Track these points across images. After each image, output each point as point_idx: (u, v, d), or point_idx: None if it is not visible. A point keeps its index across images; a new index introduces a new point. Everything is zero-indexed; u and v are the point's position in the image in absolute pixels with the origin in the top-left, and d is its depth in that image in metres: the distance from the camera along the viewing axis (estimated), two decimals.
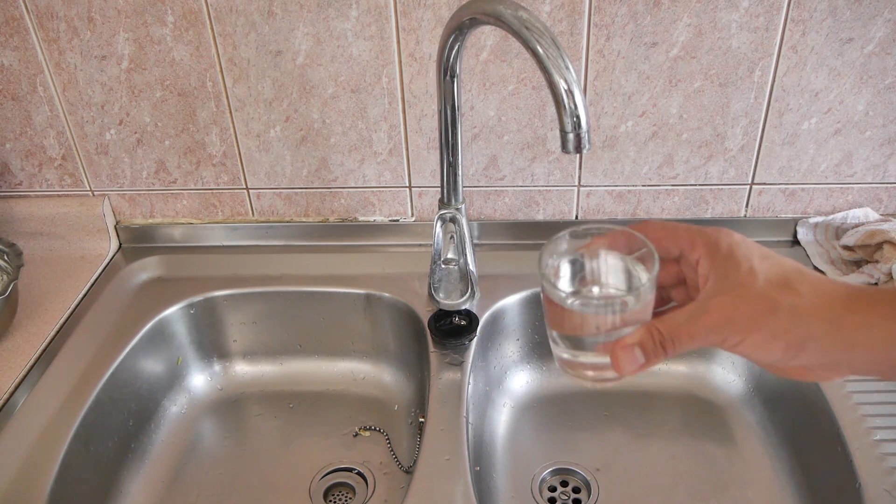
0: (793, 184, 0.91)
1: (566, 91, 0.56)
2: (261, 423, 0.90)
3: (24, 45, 0.87)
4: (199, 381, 0.94)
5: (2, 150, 0.96)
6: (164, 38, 0.86)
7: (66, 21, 0.85)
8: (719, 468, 0.80)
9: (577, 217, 0.96)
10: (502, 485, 0.80)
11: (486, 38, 0.83)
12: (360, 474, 0.83)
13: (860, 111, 0.86)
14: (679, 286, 0.47)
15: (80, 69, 0.88)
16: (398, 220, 0.98)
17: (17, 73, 0.89)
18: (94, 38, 0.86)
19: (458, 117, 0.74)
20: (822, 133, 0.88)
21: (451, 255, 0.84)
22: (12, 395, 0.77)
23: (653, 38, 0.82)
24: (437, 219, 0.82)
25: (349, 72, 0.87)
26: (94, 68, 0.88)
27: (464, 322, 0.83)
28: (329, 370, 0.95)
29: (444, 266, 0.85)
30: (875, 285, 0.80)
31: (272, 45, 0.85)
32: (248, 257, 0.97)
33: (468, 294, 0.82)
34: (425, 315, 0.85)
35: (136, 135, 0.93)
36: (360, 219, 0.99)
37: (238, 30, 0.85)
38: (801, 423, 0.78)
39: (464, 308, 0.82)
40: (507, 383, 0.91)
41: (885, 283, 0.81)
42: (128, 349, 0.84)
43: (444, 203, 0.82)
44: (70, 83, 0.90)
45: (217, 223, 1.00)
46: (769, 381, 0.85)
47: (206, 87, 0.89)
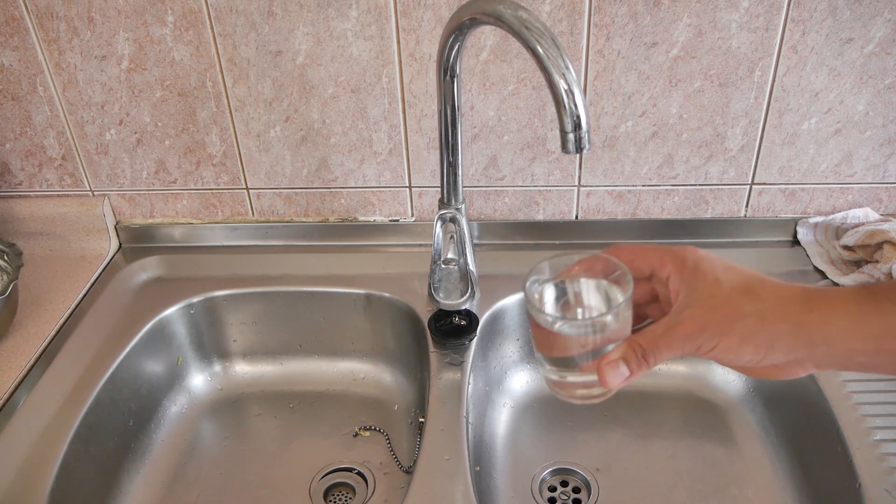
0: (793, 184, 0.91)
1: (566, 91, 0.56)
2: (261, 423, 0.90)
3: (24, 45, 0.87)
4: (199, 381, 0.94)
5: (2, 150, 0.96)
6: (164, 38, 0.86)
7: (66, 21, 0.85)
8: (719, 468, 0.80)
9: (577, 217, 0.96)
10: (502, 485, 0.80)
11: (486, 38, 0.83)
12: (360, 474, 0.83)
13: (860, 111, 0.86)
14: (652, 303, 0.50)
15: (80, 69, 0.88)
16: (398, 220, 0.98)
17: (17, 73, 0.89)
18: (94, 38, 0.86)
19: (458, 117, 0.74)
20: (822, 133, 0.88)
21: (451, 255, 0.84)
22: (12, 395, 0.77)
23: (653, 38, 0.82)
24: (437, 219, 0.82)
25: (349, 72, 0.87)
26: (94, 68, 0.88)
27: (464, 322, 0.83)
28: (329, 370, 0.95)
29: (444, 266, 0.85)
30: None
31: (272, 45, 0.85)
32: (248, 257, 0.97)
33: (468, 294, 0.82)
34: (425, 315, 0.85)
35: (136, 135, 0.93)
36: (360, 219, 0.99)
37: (238, 30, 0.85)
38: (801, 423, 0.78)
39: (464, 308, 0.82)
40: (507, 383, 0.91)
41: None
42: (128, 349, 0.84)
43: (444, 203, 0.82)
44: (70, 83, 0.90)
45: (217, 223, 1.00)
46: (769, 381, 0.85)
47: (206, 87, 0.89)
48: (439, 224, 0.83)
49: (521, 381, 0.91)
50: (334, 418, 0.90)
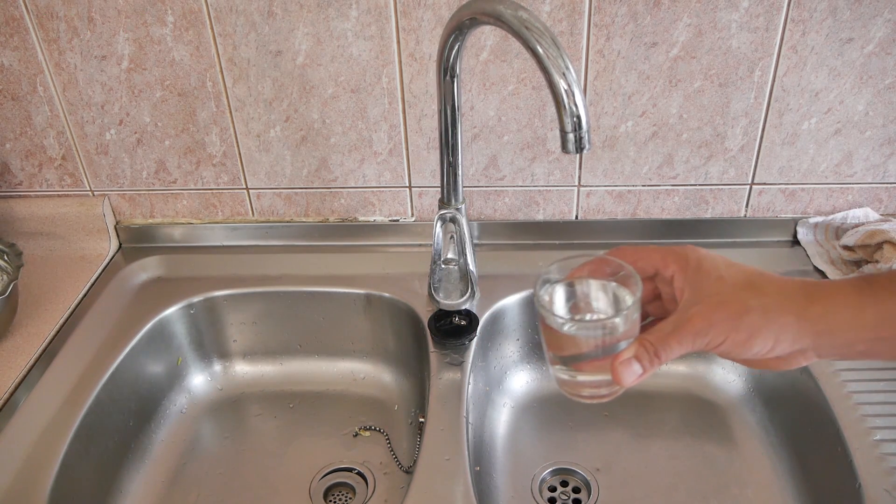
0: (793, 184, 0.91)
1: (566, 91, 0.56)
2: (261, 423, 0.90)
3: (24, 45, 0.87)
4: (199, 381, 0.94)
5: (2, 150, 0.96)
6: (164, 38, 0.86)
7: (66, 21, 0.85)
8: (719, 468, 0.80)
9: (577, 217, 0.96)
10: (502, 485, 0.80)
11: (486, 38, 0.83)
12: (360, 474, 0.83)
13: (860, 111, 0.86)
14: (654, 301, 0.52)
15: (80, 69, 0.88)
16: (398, 220, 0.98)
17: (17, 73, 0.89)
18: (94, 38, 0.86)
19: (458, 117, 0.74)
20: (822, 133, 0.88)
21: (451, 255, 0.84)
22: (12, 394, 0.77)
23: (653, 38, 0.82)
24: (437, 219, 0.82)
25: (349, 72, 0.87)
26: (94, 68, 0.88)
27: (464, 322, 0.83)
28: (329, 370, 0.95)
29: (444, 266, 0.85)
30: None
31: (272, 45, 0.85)
32: (248, 257, 0.97)
33: (468, 294, 0.82)
34: (425, 315, 0.85)
35: (136, 135, 0.93)
36: (360, 219, 0.99)
37: (238, 30, 0.85)
38: (801, 423, 0.78)
39: (464, 308, 0.82)
40: (507, 383, 0.91)
41: None
42: (128, 349, 0.84)
43: (444, 203, 0.82)
44: (70, 83, 0.90)
45: (217, 223, 1.00)
46: (769, 381, 0.85)
47: (206, 87, 0.89)
48: (439, 224, 0.83)
49: (521, 381, 0.91)
50: (334, 418, 0.90)
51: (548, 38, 0.56)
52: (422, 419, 0.76)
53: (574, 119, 0.56)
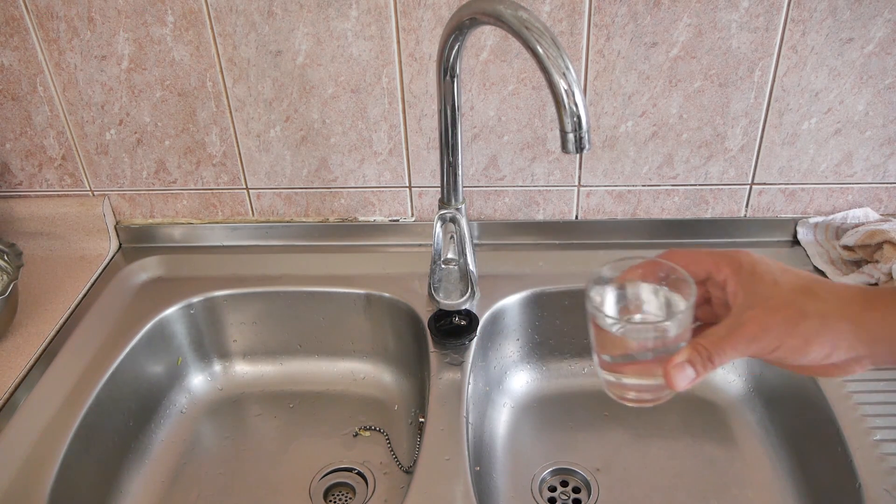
0: (793, 184, 0.91)
1: (566, 91, 0.56)
2: (261, 423, 0.90)
3: (24, 45, 0.87)
4: (199, 381, 0.94)
5: (2, 150, 0.96)
6: (164, 38, 0.86)
7: (66, 21, 0.85)
8: (719, 468, 0.80)
9: (577, 217, 0.96)
10: (502, 485, 0.80)
11: (486, 38, 0.83)
12: (360, 474, 0.83)
13: (860, 111, 0.86)
14: (703, 305, 0.51)
15: (80, 69, 0.88)
16: (398, 220, 0.98)
17: (17, 73, 0.89)
18: (94, 38, 0.86)
19: (458, 117, 0.74)
20: (822, 133, 0.88)
21: (451, 255, 0.84)
22: (12, 394, 0.77)
23: (653, 38, 0.82)
24: (437, 219, 0.82)
25: (349, 72, 0.87)
26: (94, 68, 0.88)
27: (464, 322, 0.83)
28: (329, 370, 0.95)
29: (444, 266, 0.85)
30: (875, 285, 0.80)
31: (272, 45, 0.85)
32: (248, 257, 0.97)
33: (468, 294, 0.82)
34: (425, 315, 0.85)
35: (136, 135, 0.93)
36: (360, 219, 0.99)
37: (238, 30, 0.85)
38: (801, 423, 0.78)
39: (464, 308, 0.82)
40: (507, 383, 0.91)
41: (885, 282, 0.81)
42: (128, 349, 0.84)
43: (444, 203, 0.82)
44: (70, 83, 0.90)
45: (217, 223, 1.00)
46: (769, 381, 0.85)
47: (206, 87, 0.89)
48: (439, 224, 0.83)
49: (521, 381, 0.91)
50: (334, 418, 0.90)
51: (548, 38, 0.56)
52: (422, 419, 0.76)
53: (574, 119, 0.56)
